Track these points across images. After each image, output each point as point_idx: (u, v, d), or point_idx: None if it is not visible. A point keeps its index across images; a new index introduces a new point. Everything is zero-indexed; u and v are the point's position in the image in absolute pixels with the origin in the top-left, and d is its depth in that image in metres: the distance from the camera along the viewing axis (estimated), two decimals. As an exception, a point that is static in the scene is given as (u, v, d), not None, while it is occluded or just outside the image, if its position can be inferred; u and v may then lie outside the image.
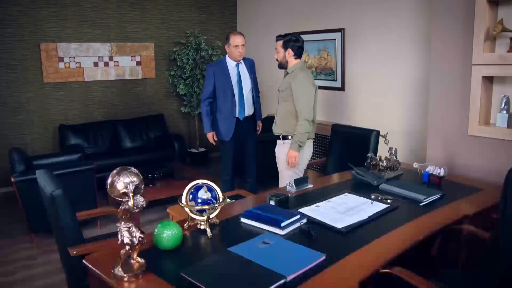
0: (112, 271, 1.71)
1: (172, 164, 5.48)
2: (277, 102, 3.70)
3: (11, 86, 5.52)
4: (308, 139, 3.57)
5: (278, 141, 3.71)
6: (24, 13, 5.47)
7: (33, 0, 5.50)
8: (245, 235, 2.06)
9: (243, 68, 4.22)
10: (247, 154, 4.44)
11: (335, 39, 5.29)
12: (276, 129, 3.66)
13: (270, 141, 5.16)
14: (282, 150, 3.65)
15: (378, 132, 3.73)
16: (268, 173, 5.24)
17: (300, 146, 3.48)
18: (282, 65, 3.63)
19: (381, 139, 3.64)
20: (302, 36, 3.63)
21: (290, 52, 3.53)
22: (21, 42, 5.51)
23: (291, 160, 3.49)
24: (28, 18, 5.51)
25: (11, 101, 5.54)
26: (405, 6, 4.45)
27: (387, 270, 1.81)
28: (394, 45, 4.62)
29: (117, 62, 6.19)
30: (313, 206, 2.44)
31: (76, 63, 5.89)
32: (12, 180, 3.78)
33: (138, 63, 6.37)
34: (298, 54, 3.57)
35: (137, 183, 1.66)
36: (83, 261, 1.87)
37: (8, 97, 5.51)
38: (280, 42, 3.56)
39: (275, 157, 3.76)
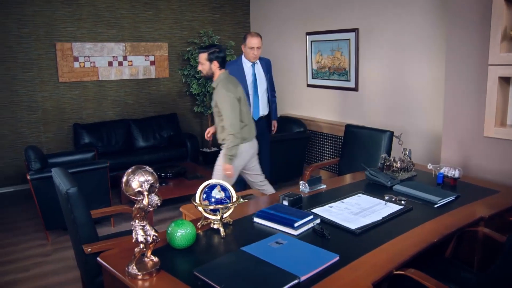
0: (126, 269, 1.72)
1: (184, 163, 5.51)
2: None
3: (27, 85, 5.60)
4: (245, 142, 3.63)
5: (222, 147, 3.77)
6: (40, 13, 5.55)
7: (48, 1, 5.57)
8: (258, 235, 2.06)
9: (259, 68, 4.21)
10: (261, 154, 4.43)
11: (348, 39, 5.27)
12: (219, 140, 3.70)
13: (283, 141, 5.19)
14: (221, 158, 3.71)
15: (391, 133, 3.71)
16: (281, 173, 5.26)
17: (231, 159, 3.53)
18: (208, 77, 3.64)
19: (394, 140, 3.63)
20: (316, 36, 3.62)
21: (215, 64, 3.53)
22: (37, 42, 5.58)
23: (227, 173, 3.56)
24: (44, 18, 5.58)
25: (27, 100, 5.62)
26: (420, 6, 4.41)
27: (402, 272, 1.79)
28: (409, 45, 4.58)
29: (131, 61, 6.24)
30: (326, 206, 2.43)
31: (91, 62, 5.95)
32: (28, 177, 3.83)
33: (152, 63, 6.41)
34: (223, 65, 3.59)
35: (152, 182, 1.67)
36: (98, 258, 1.89)
37: (24, 96, 5.59)
38: (205, 55, 3.53)
39: (287, 156, 3.76)
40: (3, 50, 5.39)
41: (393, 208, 2.41)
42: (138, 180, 1.65)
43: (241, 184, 4.36)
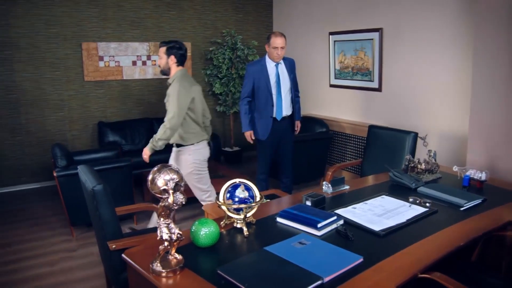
0: (150, 266, 1.74)
1: (206, 162, 5.53)
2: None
3: (54, 84, 5.72)
4: (202, 141, 3.66)
5: (173, 148, 3.76)
6: (68, 14, 5.66)
7: (76, 2, 5.68)
8: (281, 234, 2.06)
9: (282, 68, 4.20)
10: (283, 154, 4.43)
11: (372, 39, 5.22)
12: (171, 139, 3.69)
13: (306, 141, 5.17)
14: (180, 157, 3.69)
15: (416, 134, 3.66)
16: (303, 173, 5.25)
17: (153, 149, 3.54)
18: (165, 72, 3.63)
19: (419, 141, 3.57)
20: (340, 35, 3.60)
21: (172, 59, 3.53)
22: (64, 42, 5.70)
23: (144, 157, 3.60)
24: (71, 19, 5.70)
25: (54, 99, 5.74)
26: (446, 5, 4.34)
27: (427, 275, 1.77)
28: (434, 44, 4.51)
29: (155, 61, 6.31)
30: (349, 207, 2.41)
31: (115, 62, 6.04)
32: (55, 174, 3.91)
33: (175, 62, 6.46)
34: (181, 62, 3.57)
35: (177, 180, 1.68)
36: (123, 255, 1.92)
37: (51, 94, 5.72)
38: (164, 49, 3.54)
39: (310, 157, 3.74)
40: (32, 50, 5.53)
41: (418, 210, 2.37)
42: (164, 179, 1.67)
43: (263, 183, 4.38)
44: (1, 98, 5.44)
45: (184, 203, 1.73)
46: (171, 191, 1.67)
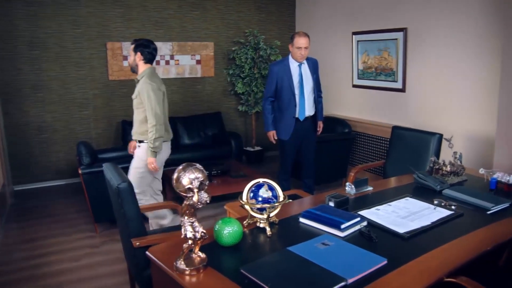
0: (174, 264, 1.76)
1: (228, 161, 5.57)
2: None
3: (79, 83, 5.83)
4: (164, 142, 3.61)
5: (136, 143, 3.73)
6: (93, 14, 5.76)
7: (102, 2, 5.78)
8: (304, 235, 2.05)
9: (305, 68, 4.19)
10: (305, 154, 4.41)
11: (396, 39, 5.16)
12: (134, 135, 3.68)
13: (328, 141, 5.15)
14: (137, 152, 3.67)
15: (441, 135, 3.60)
16: (325, 174, 5.22)
17: (155, 152, 3.51)
18: (133, 69, 3.64)
19: (444, 143, 3.51)
20: (363, 35, 3.56)
21: (139, 56, 3.54)
22: (89, 42, 5.80)
23: (151, 166, 3.54)
24: (97, 19, 5.79)
25: (79, 97, 5.85)
26: (473, 4, 4.25)
27: (453, 280, 1.74)
28: (460, 44, 4.43)
29: (178, 60, 6.37)
30: (373, 209, 2.39)
31: (139, 61, 6.11)
32: (80, 172, 3.99)
33: (198, 62, 6.51)
34: (148, 60, 3.57)
35: (201, 179, 1.70)
36: (147, 252, 1.94)
37: (76, 93, 5.83)
38: (132, 46, 3.59)
39: (332, 157, 3.71)
40: (58, 50, 5.64)
41: (443, 213, 2.33)
42: (189, 177, 1.68)
43: (285, 184, 4.37)
44: (29, 97, 5.57)
45: (208, 202, 1.74)
46: (195, 190, 1.68)
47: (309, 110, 4.23)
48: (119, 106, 6.11)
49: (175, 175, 1.72)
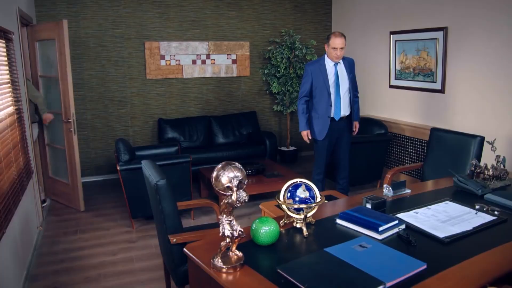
0: (211, 261, 1.78)
1: (263, 161, 5.58)
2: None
3: (118, 81, 5.97)
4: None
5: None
6: (132, 14, 5.89)
7: (140, 3, 5.90)
8: (341, 236, 2.04)
9: (341, 68, 4.15)
10: (340, 155, 4.37)
11: (436, 39, 5.03)
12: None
13: (364, 142, 5.08)
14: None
15: (482, 138, 3.48)
16: (359, 175, 5.16)
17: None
18: None
19: (485, 146, 3.41)
20: (401, 35, 3.49)
21: None
22: (128, 41, 5.94)
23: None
24: (135, 19, 5.92)
25: (118, 95, 6.00)
26: (519, 3, 4.10)
27: None
28: (504, 43, 4.27)
29: (214, 60, 6.43)
30: (411, 212, 2.34)
31: (176, 60, 6.21)
32: (118, 168, 4.09)
33: (234, 61, 6.56)
34: None
35: (240, 178, 1.71)
36: (184, 249, 1.98)
37: (115, 91, 5.98)
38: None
39: (367, 159, 3.65)
40: (99, 49, 5.80)
41: (485, 218, 2.26)
42: (228, 176, 1.70)
43: (319, 184, 4.34)
44: (70, 94, 5.75)
45: (246, 200, 1.75)
46: (234, 189, 1.70)
47: (345, 110, 4.19)
48: (156, 105, 6.23)
49: (214, 174, 1.73)
